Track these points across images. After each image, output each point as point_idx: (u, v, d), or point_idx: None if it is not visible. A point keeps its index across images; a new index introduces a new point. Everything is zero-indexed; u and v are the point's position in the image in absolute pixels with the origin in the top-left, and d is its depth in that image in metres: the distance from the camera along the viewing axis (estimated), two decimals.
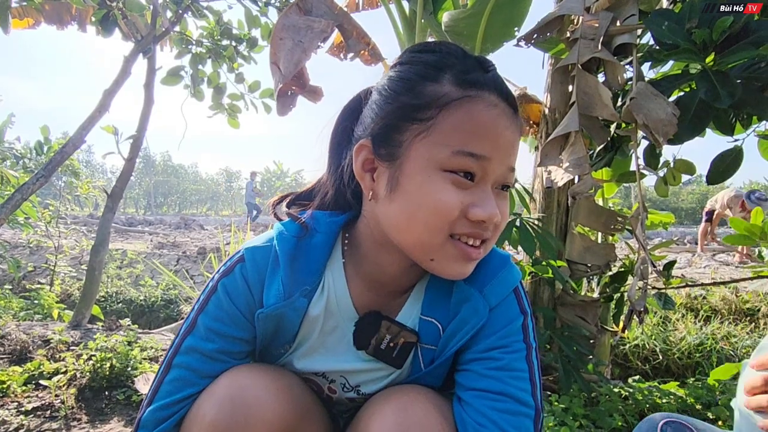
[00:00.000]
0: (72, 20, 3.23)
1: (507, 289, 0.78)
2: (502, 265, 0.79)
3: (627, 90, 1.82)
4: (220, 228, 10.61)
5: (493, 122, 0.66)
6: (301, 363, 0.83)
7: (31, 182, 2.57)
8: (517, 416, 0.70)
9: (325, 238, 0.78)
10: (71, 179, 4.74)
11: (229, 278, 0.76)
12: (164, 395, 0.73)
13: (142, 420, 0.73)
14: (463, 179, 0.65)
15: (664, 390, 2.02)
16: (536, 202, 2.19)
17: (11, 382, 1.92)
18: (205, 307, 0.76)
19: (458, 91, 0.66)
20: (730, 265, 6.27)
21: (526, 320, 0.78)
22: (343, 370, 0.83)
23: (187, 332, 0.76)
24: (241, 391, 0.70)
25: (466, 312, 0.75)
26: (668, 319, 3.79)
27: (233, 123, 3.72)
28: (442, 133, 0.65)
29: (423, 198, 0.66)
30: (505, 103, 0.68)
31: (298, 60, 2.01)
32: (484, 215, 0.65)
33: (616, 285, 2.13)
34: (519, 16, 2.09)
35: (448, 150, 0.65)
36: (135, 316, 4.99)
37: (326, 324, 0.80)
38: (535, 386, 0.74)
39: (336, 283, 0.79)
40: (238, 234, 3.75)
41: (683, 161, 2.00)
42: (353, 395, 0.86)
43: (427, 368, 0.80)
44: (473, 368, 0.75)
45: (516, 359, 0.74)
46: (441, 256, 0.68)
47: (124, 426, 1.76)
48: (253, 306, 0.76)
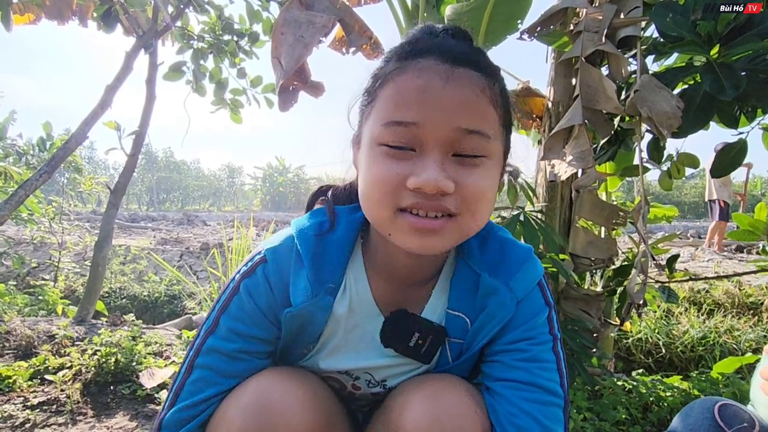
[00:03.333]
0: (73, 15, 3.21)
1: (532, 282, 0.78)
2: (526, 258, 0.79)
3: (631, 83, 1.81)
4: (222, 223, 10.63)
5: (421, 86, 0.63)
6: (326, 362, 0.82)
7: (34, 178, 2.57)
8: (547, 406, 0.71)
9: (344, 234, 0.78)
10: (74, 175, 4.74)
11: (251, 279, 0.75)
12: (187, 396, 0.73)
13: (164, 421, 0.73)
14: (397, 150, 0.64)
15: (667, 383, 2.02)
16: (539, 196, 2.18)
17: (17, 377, 1.93)
18: (227, 308, 0.75)
19: (393, 65, 0.67)
20: (733, 260, 6.25)
21: (550, 312, 0.78)
22: (369, 367, 0.83)
23: (208, 333, 0.75)
24: (268, 399, 0.70)
25: (493, 305, 0.75)
26: (671, 313, 3.78)
27: (235, 118, 3.71)
28: (377, 109, 0.67)
29: (365, 174, 0.68)
30: (446, 64, 0.64)
31: (299, 55, 2.00)
32: (418, 182, 0.62)
33: (620, 279, 2.12)
34: (522, 9, 2.07)
35: (379, 123, 0.65)
36: (138, 311, 5.01)
37: (349, 322, 0.80)
38: (563, 376, 0.75)
39: (357, 279, 0.79)
40: (240, 230, 3.75)
41: (687, 154, 1.99)
42: (378, 390, 0.86)
43: (455, 362, 0.81)
44: (501, 359, 0.76)
45: (543, 350, 0.75)
46: (394, 230, 0.67)
47: (129, 420, 1.77)
48: (275, 306, 0.75)
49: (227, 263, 3.40)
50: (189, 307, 4.43)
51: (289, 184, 46.75)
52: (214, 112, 3.67)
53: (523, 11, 2.08)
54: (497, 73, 0.70)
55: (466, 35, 0.72)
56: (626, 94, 1.80)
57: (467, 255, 0.79)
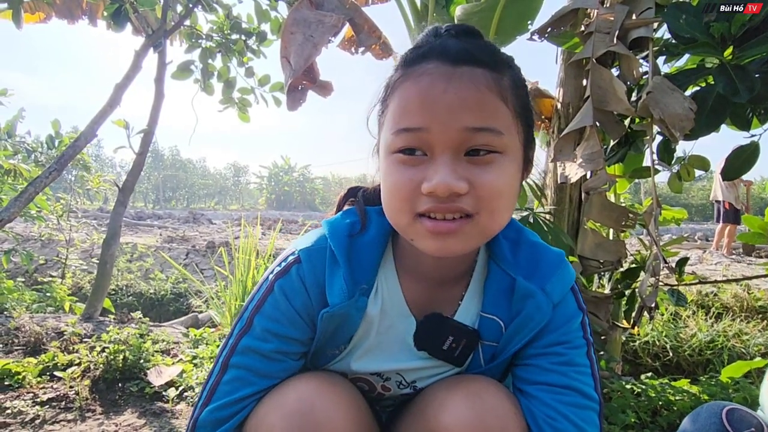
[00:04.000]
0: (83, 15, 3.23)
1: (566, 287, 0.78)
2: (560, 263, 0.79)
3: (642, 84, 1.80)
4: (229, 222, 10.66)
5: (423, 91, 0.64)
6: (358, 364, 0.82)
7: (44, 176, 2.59)
8: (584, 410, 0.72)
9: (376, 235, 0.78)
10: (82, 173, 4.77)
11: (285, 279, 0.75)
12: (223, 395, 0.73)
13: (199, 420, 0.73)
14: (409, 156, 0.65)
15: (676, 387, 2.00)
16: (548, 198, 2.17)
17: (27, 374, 1.95)
18: (262, 308, 0.75)
19: (399, 73, 0.69)
20: (742, 263, 6.20)
21: (584, 317, 0.79)
22: (401, 368, 0.83)
23: (242, 332, 0.75)
24: (311, 407, 0.69)
25: (529, 309, 0.75)
26: (679, 316, 3.76)
27: (243, 117, 3.72)
28: (388, 118, 0.68)
29: (384, 183, 0.69)
30: (447, 65, 0.64)
31: (308, 55, 2.00)
32: (430, 186, 0.62)
33: (628, 281, 2.11)
34: (532, 10, 2.06)
35: (390, 132, 0.66)
36: (145, 309, 5.03)
37: (381, 323, 0.80)
38: (597, 380, 0.75)
39: (388, 280, 0.80)
40: (247, 229, 3.76)
41: (697, 157, 1.97)
42: (408, 391, 0.86)
43: (487, 365, 0.81)
44: (537, 363, 0.76)
45: (578, 355, 0.76)
46: (415, 235, 0.68)
47: (138, 417, 1.78)
48: (309, 307, 0.76)
49: (234, 262, 3.41)
50: (195, 306, 4.45)
51: (294, 184, 46.90)
52: (222, 110, 3.68)
53: (534, 12, 2.07)
54: (507, 65, 0.69)
55: (470, 32, 0.71)
56: (638, 96, 1.79)
57: (500, 259, 0.79)
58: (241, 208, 38.50)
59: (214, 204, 48.84)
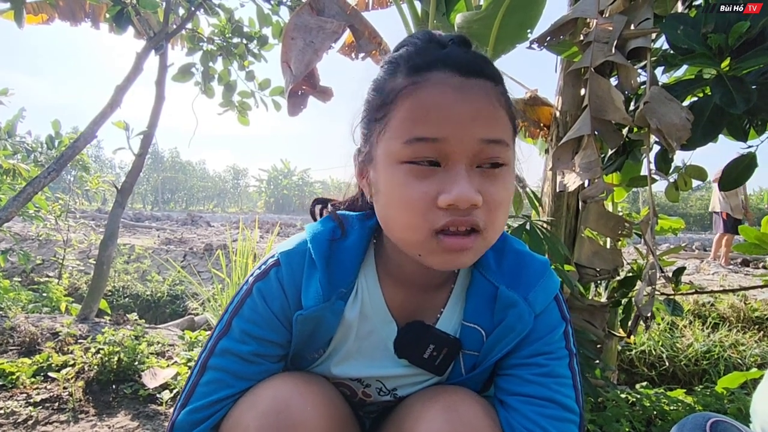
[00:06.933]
0: (86, 17, 3.25)
1: (549, 297, 0.77)
2: (543, 272, 0.78)
3: (640, 94, 1.81)
4: (227, 224, 10.64)
5: (440, 100, 0.62)
6: (338, 369, 0.82)
7: (42, 176, 2.59)
8: (563, 422, 0.71)
9: (357, 240, 0.77)
10: (81, 173, 4.78)
11: (264, 282, 0.75)
12: (200, 397, 0.73)
13: (177, 422, 0.73)
14: (422, 167, 0.62)
15: (671, 397, 2.00)
16: (545, 206, 2.18)
17: (20, 374, 1.94)
18: (240, 310, 0.75)
19: (406, 80, 0.65)
20: (739, 273, 6.21)
21: (567, 327, 0.78)
22: (381, 375, 0.82)
23: (221, 335, 0.75)
24: (286, 406, 0.69)
25: (511, 319, 0.74)
26: (675, 326, 3.76)
27: (243, 120, 3.73)
28: (395, 126, 0.65)
29: (390, 195, 0.66)
30: (459, 76, 0.63)
31: (309, 61, 2.01)
32: (450, 198, 0.60)
33: (625, 290, 2.11)
34: (532, 19, 2.07)
35: (400, 141, 0.63)
36: (141, 310, 5.02)
37: (361, 328, 0.79)
38: (578, 392, 0.74)
39: (369, 285, 0.79)
40: (245, 231, 3.76)
41: (694, 167, 1.99)
42: (389, 398, 0.86)
43: (468, 374, 0.80)
44: (518, 373, 0.75)
45: (560, 366, 0.75)
46: (425, 252, 0.65)
47: (131, 420, 1.77)
48: (287, 310, 0.75)
49: (231, 265, 3.41)
50: (191, 308, 4.44)
51: (293, 187, 46.91)
52: (222, 113, 3.69)
53: (534, 20, 2.08)
54: (503, 79, 0.69)
55: (468, 42, 0.71)
56: (635, 105, 1.80)
57: (484, 267, 0.78)
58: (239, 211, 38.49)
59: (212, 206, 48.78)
